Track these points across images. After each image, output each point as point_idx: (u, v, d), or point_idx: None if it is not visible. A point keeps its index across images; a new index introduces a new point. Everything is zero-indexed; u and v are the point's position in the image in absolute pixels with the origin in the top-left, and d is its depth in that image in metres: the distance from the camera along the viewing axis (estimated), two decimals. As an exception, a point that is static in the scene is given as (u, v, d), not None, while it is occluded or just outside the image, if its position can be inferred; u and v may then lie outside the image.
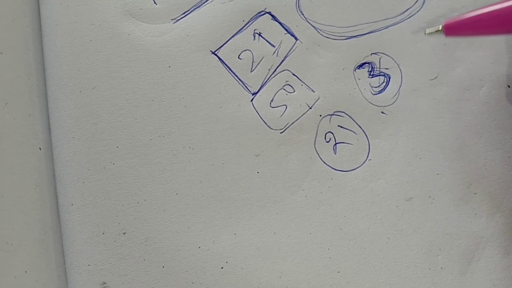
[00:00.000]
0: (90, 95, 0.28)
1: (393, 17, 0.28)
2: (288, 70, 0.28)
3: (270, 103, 0.28)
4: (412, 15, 0.28)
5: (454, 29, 0.25)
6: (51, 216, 0.27)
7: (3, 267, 0.23)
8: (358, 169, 0.27)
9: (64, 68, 0.28)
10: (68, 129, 0.27)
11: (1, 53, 0.26)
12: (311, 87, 0.28)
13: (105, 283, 0.26)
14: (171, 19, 0.29)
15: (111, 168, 0.27)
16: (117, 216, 0.26)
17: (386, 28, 0.28)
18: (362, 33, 0.29)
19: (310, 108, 0.28)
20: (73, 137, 0.27)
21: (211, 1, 0.29)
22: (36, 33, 0.29)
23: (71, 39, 0.28)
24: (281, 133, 0.28)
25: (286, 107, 0.28)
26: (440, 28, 0.25)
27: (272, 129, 0.28)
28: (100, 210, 0.27)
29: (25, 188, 0.26)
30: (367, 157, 0.27)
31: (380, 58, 0.28)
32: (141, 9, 0.29)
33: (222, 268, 0.26)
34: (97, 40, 0.28)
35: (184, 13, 0.29)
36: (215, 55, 0.28)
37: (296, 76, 0.28)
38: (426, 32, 0.26)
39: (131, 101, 0.28)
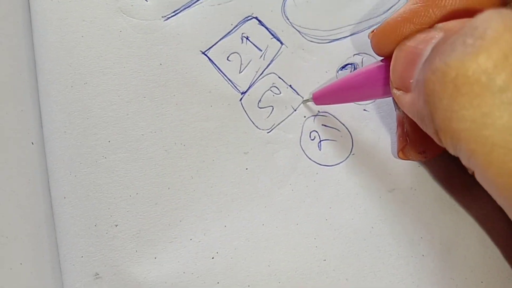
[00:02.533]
0: (81, 90, 0.28)
1: (377, 16, 0.30)
2: (274, 73, 0.29)
3: (258, 103, 0.29)
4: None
5: (320, 98, 0.28)
6: (44, 209, 0.27)
7: (-1, 258, 0.24)
8: (342, 163, 0.28)
9: (55, 64, 0.28)
10: (60, 124, 0.28)
11: (-6, 49, 0.27)
12: (296, 90, 0.29)
13: (98, 274, 0.26)
14: (162, 16, 0.29)
15: (103, 162, 0.27)
16: (109, 208, 0.27)
17: (369, 28, 0.30)
18: (345, 36, 0.30)
19: (295, 110, 0.29)
20: (65, 132, 0.28)
21: (201, 2, 0.30)
22: (26, 29, 0.29)
23: (62, 35, 0.29)
24: (267, 132, 0.29)
25: (273, 108, 0.29)
26: (310, 98, 0.28)
27: (259, 128, 0.29)
28: (92, 203, 0.27)
29: (18, 182, 0.26)
30: (351, 151, 0.29)
31: (362, 59, 0.29)
32: (132, 5, 0.29)
33: (213, 258, 0.27)
34: (88, 36, 0.29)
35: (174, 12, 0.29)
36: (205, 55, 0.29)
37: (282, 79, 0.29)
38: (302, 102, 0.29)
39: (123, 96, 0.28)
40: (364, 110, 0.29)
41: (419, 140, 0.26)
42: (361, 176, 0.28)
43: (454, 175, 0.28)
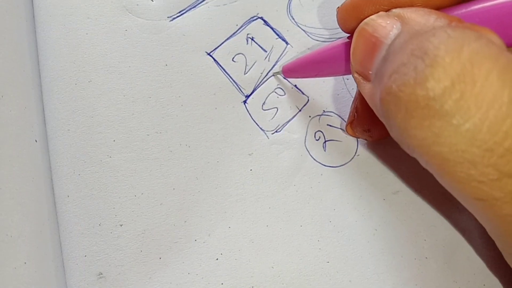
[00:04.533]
0: (86, 88, 0.28)
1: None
2: (279, 74, 0.29)
3: (262, 106, 0.29)
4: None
5: (289, 72, 0.28)
6: (48, 208, 0.27)
7: (4, 258, 0.23)
8: (347, 164, 0.29)
9: (59, 61, 0.28)
10: (63, 122, 0.27)
11: (-2, 45, 0.26)
12: (300, 89, 0.29)
13: (102, 274, 0.26)
14: (168, 17, 0.29)
15: (107, 161, 0.27)
16: (113, 208, 0.27)
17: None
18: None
19: (300, 110, 0.29)
20: (69, 130, 0.27)
21: (206, 3, 0.30)
22: (30, 25, 0.29)
23: (66, 32, 0.28)
24: (272, 133, 0.29)
25: (277, 110, 0.29)
26: (281, 71, 0.29)
27: (264, 130, 0.29)
28: (96, 202, 0.27)
29: (22, 180, 0.26)
30: (356, 153, 0.29)
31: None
32: (137, 4, 0.29)
33: (217, 259, 0.27)
34: (93, 33, 0.29)
35: (180, 12, 0.29)
36: (211, 56, 0.29)
37: (287, 80, 0.29)
38: (272, 74, 0.30)
39: (128, 96, 0.28)
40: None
41: (366, 118, 0.27)
42: (366, 178, 0.28)
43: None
